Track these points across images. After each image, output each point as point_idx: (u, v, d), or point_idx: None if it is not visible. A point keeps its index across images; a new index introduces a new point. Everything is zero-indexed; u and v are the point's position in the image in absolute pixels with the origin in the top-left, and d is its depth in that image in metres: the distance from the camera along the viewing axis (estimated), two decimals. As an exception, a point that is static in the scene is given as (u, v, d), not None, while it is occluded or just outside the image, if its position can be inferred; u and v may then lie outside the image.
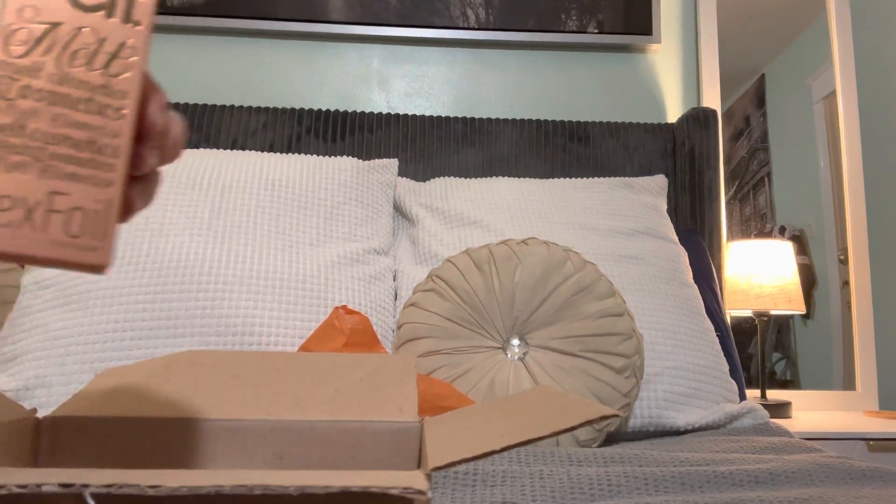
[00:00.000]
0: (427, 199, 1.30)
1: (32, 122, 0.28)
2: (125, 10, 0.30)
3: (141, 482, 0.21)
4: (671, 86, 1.65)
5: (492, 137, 1.49)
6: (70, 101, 0.29)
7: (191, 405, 0.41)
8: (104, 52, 0.30)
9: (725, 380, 1.10)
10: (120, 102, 0.30)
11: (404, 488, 0.22)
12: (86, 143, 0.29)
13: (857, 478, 0.68)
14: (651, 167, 1.51)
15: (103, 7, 0.30)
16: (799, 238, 1.71)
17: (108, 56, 0.30)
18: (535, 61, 1.63)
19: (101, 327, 0.94)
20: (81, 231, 0.29)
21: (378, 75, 1.60)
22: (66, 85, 0.29)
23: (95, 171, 0.29)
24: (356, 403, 0.42)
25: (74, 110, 0.29)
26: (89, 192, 0.29)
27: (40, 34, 0.29)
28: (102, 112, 0.30)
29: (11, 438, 0.37)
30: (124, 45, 0.30)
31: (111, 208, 0.30)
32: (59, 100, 0.29)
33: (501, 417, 0.33)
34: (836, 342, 1.67)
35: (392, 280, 1.18)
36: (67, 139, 0.29)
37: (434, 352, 0.96)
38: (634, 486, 0.64)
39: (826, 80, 1.73)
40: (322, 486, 0.22)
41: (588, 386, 0.93)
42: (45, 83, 0.29)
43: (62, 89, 0.29)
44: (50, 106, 0.29)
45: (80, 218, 0.29)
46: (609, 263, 1.17)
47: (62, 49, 0.29)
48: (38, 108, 0.28)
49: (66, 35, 0.29)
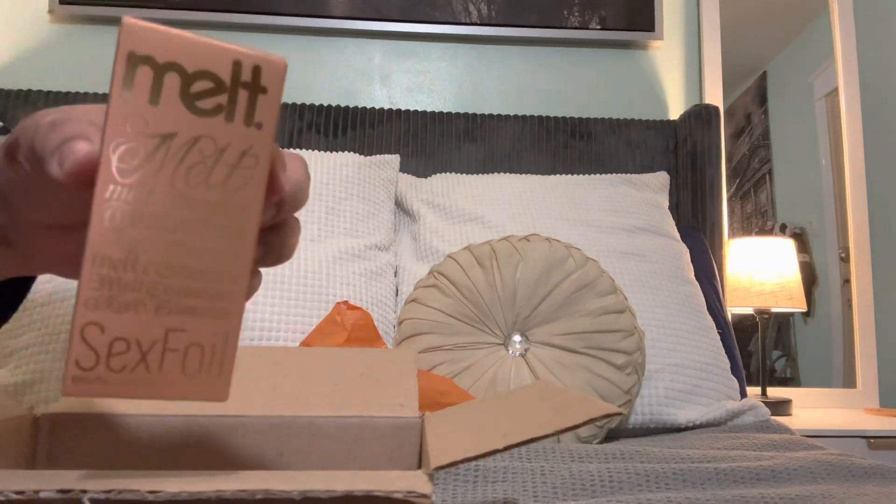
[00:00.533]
0: (428, 195, 1.29)
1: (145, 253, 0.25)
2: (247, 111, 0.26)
3: (140, 488, 0.21)
4: (673, 82, 1.65)
5: (493, 133, 1.49)
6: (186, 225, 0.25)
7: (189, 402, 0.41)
8: (224, 163, 0.26)
9: (726, 377, 1.09)
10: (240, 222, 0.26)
11: (408, 492, 0.22)
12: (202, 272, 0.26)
13: (858, 475, 0.68)
14: (653, 164, 1.51)
15: (222, 110, 0.26)
16: (800, 236, 1.70)
17: (228, 168, 0.26)
18: (537, 57, 1.62)
19: (100, 322, 0.94)
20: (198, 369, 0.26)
21: (380, 71, 1.59)
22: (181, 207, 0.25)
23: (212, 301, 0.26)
24: (356, 398, 0.42)
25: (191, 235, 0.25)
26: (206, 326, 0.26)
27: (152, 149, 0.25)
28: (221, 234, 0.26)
29: (9, 436, 0.37)
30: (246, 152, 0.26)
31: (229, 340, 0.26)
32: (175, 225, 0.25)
33: (504, 414, 0.33)
34: (836, 340, 1.67)
35: (393, 276, 1.18)
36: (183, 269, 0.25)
37: (435, 348, 0.96)
38: (636, 483, 0.64)
39: (828, 78, 1.73)
40: (325, 491, 0.21)
41: (589, 382, 0.93)
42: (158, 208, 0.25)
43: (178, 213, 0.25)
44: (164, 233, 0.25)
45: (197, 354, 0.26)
46: (611, 260, 1.16)
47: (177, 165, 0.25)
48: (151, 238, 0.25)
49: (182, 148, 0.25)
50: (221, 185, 0.26)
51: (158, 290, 0.25)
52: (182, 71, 0.25)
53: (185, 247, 0.26)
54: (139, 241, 0.25)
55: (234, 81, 0.26)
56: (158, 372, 0.25)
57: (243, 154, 0.26)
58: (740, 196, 1.72)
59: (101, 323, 0.24)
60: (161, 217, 0.25)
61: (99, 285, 0.24)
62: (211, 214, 0.26)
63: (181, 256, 0.25)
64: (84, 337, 0.24)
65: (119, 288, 0.25)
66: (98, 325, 0.24)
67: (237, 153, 0.26)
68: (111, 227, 0.24)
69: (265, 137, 0.26)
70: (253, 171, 0.26)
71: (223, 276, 0.26)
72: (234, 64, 0.26)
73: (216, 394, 0.26)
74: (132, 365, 0.25)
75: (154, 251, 0.25)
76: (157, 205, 0.25)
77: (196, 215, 0.26)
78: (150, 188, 0.25)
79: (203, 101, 0.25)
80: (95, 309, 0.24)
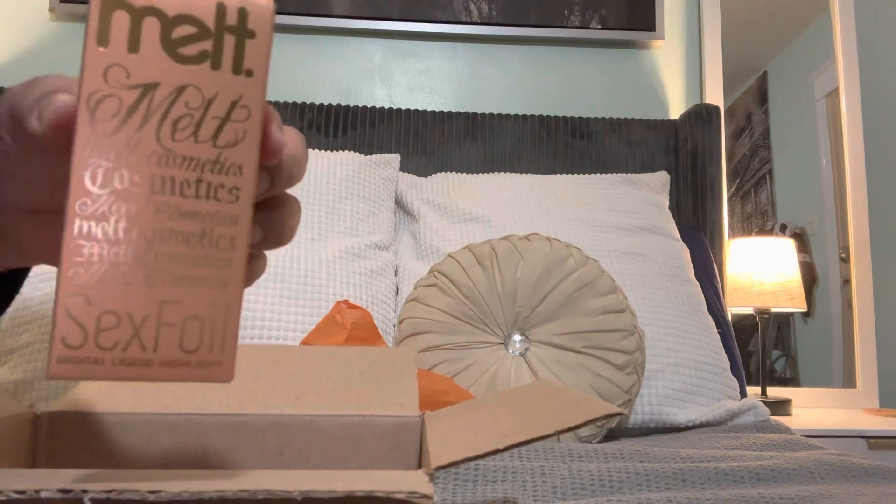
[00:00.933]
0: (429, 195, 1.29)
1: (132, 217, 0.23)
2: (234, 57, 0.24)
3: (142, 488, 0.21)
4: (674, 82, 1.65)
5: (494, 133, 1.49)
6: (175, 185, 0.23)
7: (189, 400, 0.41)
8: (212, 116, 0.24)
9: (726, 377, 1.09)
10: (234, 181, 0.24)
11: (409, 492, 0.22)
12: (197, 237, 0.24)
13: (858, 475, 0.68)
14: (653, 164, 1.51)
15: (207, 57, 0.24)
16: (800, 236, 1.70)
17: (217, 121, 0.24)
18: (537, 57, 1.62)
19: (100, 321, 0.94)
20: (197, 344, 0.24)
21: (380, 70, 1.59)
22: (168, 165, 0.23)
23: (210, 269, 0.24)
24: (356, 397, 0.42)
25: (181, 196, 0.23)
26: (204, 296, 0.24)
27: (133, 102, 0.23)
28: (214, 195, 0.24)
29: (9, 434, 0.37)
30: (236, 103, 0.24)
31: (230, 312, 0.24)
32: (163, 185, 0.23)
33: (504, 414, 0.33)
34: (836, 340, 1.67)
35: (393, 275, 1.18)
36: (175, 234, 0.23)
37: (435, 347, 0.96)
38: (636, 483, 0.64)
39: (829, 78, 1.73)
40: (326, 491, 0.21)
41: (589, 382, 0.93)
42: (143, 165, 0.23)
43: (165, 171, 0.23)
44: (151, 194, 0.23)
45: (196, 329, 0.24)
46: (611, 260, 1.16)
47: (161, 118, 0.23)
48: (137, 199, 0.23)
49: (166, 99, 0.23)
50: (211, 140, 0.24)
51: (148, 257, 0.23)
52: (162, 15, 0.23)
53: (174, 209, 0.23)
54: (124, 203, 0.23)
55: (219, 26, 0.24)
56: (154, 350, 0.23)
57: (233, 105, 0.24)
58: (740, 196, 1.72)
59: (86, 295, 0.22)
60: (147, 176, 0.23)
61: (82, 253, 0.22)
62: (202, 173, 0.24)
63: (171, 220, 0.23)
64: (69, 311, 0.22)
65: (104, 256, 0.22)
66: (84, 297, 0.22)
67: (226, 104, 0.24)
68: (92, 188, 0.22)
69: (257, 86, 0.24)
70: (245, 125, 0.24)
71: (220, 241, 0.24)
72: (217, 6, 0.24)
73: (220, 374, 0.24)
74: (125, 342, 0.23)
75: (141, 215, 0.23)
76: (141, 162, 0.23)
77: (185, 174, 0.23)
78: (133, 145, 0.23)
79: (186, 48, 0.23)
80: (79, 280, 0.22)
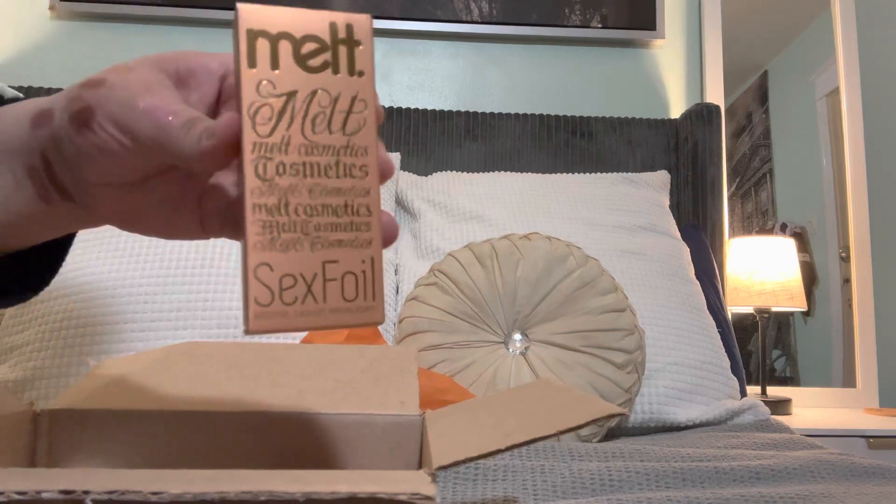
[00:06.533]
0: (429, 194, 1.29)
1: (293, 197, 0.29)
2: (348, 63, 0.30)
3: (143, 488, 0.21)
4: (674, 81, 1.64)
5: (494, 132, 1.49)
6: (321, 168, 0.29)
7: (189, 397, 0.41)
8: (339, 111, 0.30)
9: (727, 376, 1.09)
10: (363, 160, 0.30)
11: (412, 493, 0.22)
12: (343, 208, 0.30)
13: (858, 474, 0.68)
14: (654, 163, 1.51)
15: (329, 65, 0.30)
16: (800, 235, 1.70)
17: (343, 115, 0.30)
18: (538, 56, 1.62)
19: (101, 319, 0.94)
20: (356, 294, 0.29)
21: (380, 68, 1.59)
22: (314, 154, 0.29)
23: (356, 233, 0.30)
24: (356, 396, 0.42)
25: (326, 177, 0.29)
26: (354, 255, 0.30)
27: (281, 107, 0.29)
28: (350, 173, 0.30)
29: (9, 432, 0.36)
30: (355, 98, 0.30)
31: (376, 265, 0.30)
32: (311, 170, 0.29)
33: (506, 413, 0.33)
34: (836, 339, 1.67)
35: (394, 274, 1.18)
36: (327, 207, 0.29)
37: (435, 346, 0.96)
38: (636, 482, 0.64)
39: (829, 77, 1.73)
40: (329, 493, 0.21)
41: (589, 381, 0.93)
42: (295, 156, 0.29)
43: (312, 159, 0.29)
44: (305, 178, 0.29)
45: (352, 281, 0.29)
46: (611, 259, 1.16)
47: (303, 117, 0.29)
48: (295, 183, 0.29)
49: (303, 102, 0.29)
50: (341, 129, 0.30)
51: (310, 228, 0.29)
52: (291, 38, 0.29)
53: (323, 188, 0.29)
54: (286, 187, 0.29)
55: (334, 39, 0.30)
56: (324, 301, 0.29)
57: (353, 100, 0.30)
58: (741, 195, 1.72)
59: (269, 262, 0.28)
60: (299, 164, 0.29)
61: (261, 230, 0.28)
62: (339, 157, 0.30)
63: (322, 197, 0.29)
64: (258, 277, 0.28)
65: (277, 230, 0.28)
66: (267, 265, 0.28)
67: (348, 100, 0.30)
68: (261, 178, 0.28)
69: (368, 83, 0.31)
70: (364, 115, 0.30)
71: (360, 209, 0.30)
72: (330, 25, 0.30)
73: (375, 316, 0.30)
74: (301, 297, 0.28)
75: (299, 195, 0.29)
76: (293, 154, 0.29)
77: (327, 159, 0.30)
78: (286, 141, 0.29)
79: (312, 60, 0.30)
80: (262, 251, 0.28)
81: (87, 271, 0.98)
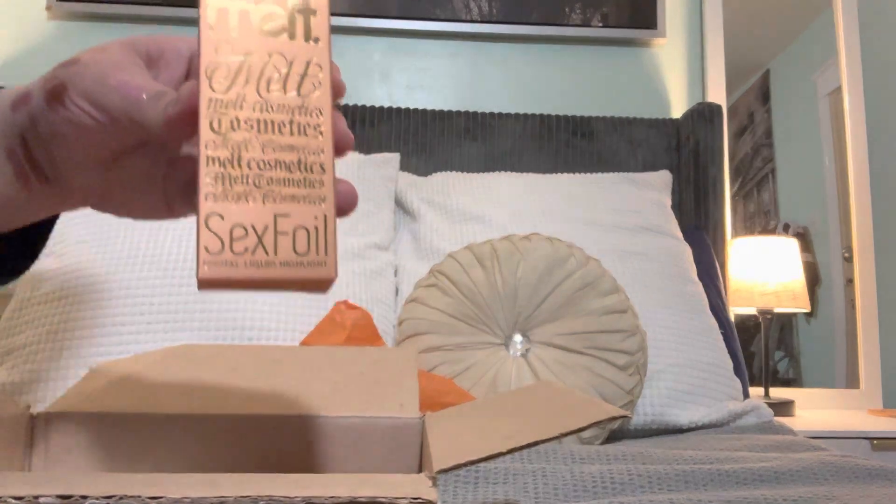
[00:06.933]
0: (429, 194, 1.29)
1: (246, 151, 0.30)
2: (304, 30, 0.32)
3: (142, 493, 0.21)
4: (676, 81, 1.64)
5: (494, 132, 1.48)
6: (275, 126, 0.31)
7: (186, 400, 0.41)
8: (295, 73, 0.31)
9: (729, 377, 1.09)
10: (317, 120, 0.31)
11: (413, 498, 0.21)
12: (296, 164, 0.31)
13: (862, 476, 0.67)
14: (655, 163, 1.50)
15: (285, 30, 0.32)
16: (803, 235, 1.70)
17: (299, 77, 0.31)
18: (538, 55, 1.62)
19: (99, 321, 0.93)
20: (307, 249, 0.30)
21: (380, 68, 1.59)
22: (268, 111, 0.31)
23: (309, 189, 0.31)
24: (356, 398, 0.42)
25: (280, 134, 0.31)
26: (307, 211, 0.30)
27: (237, 67, 0.30)
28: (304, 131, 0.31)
29: (6, 435, 0.36)
30: (310, 63, 0.32)
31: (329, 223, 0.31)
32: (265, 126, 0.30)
33: (507, 416, 0.32)
34: (839, 340, 1.66)
35: (393, 275, 1.17)
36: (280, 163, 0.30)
37: (435, 348, 0.95)
38: (638, 484, 0.63)
39: (831, 76, 1.72)
40: (329, 497, 0.21)
41: (591, 383, 0.92)
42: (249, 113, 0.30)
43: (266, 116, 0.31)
44: (258, 134, 0.30)
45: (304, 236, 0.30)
46: (613, 259, 1.16)
47: (258, 77, 0.31)
48: (248, 138, 0.30)
49: (260, 63, 0.31)
50: (296, 90, 0.31)
51: (262, 181, 0.30)
52: (251, 5, 0.31)
53: (276, 144, 0.30)
54: (239, 142, 0.30)
55: (291, 8, 0.32)
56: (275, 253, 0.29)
57: (308, 64, 0.32)
58: (743, 195, 1.71)
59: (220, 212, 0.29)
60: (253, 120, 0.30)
61: (213, 181, 0.29)
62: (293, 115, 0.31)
63: (275, 153, 0.30)
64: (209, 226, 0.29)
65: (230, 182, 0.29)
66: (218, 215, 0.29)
67: (303, 64, 0.32)
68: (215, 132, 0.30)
69: (323, 49, 0.32)
70: (319, 78, 0.32)
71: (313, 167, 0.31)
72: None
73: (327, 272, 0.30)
74: (252, 247, 0.29)
75: (253, 149, 0.30)
76: (248, 110, 0.30)
77: (281, 117, 0.31)
78: (241, 98, 0.30)
79: (269, 26, 0.31)
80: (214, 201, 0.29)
81: (84, 274, 0.98)
